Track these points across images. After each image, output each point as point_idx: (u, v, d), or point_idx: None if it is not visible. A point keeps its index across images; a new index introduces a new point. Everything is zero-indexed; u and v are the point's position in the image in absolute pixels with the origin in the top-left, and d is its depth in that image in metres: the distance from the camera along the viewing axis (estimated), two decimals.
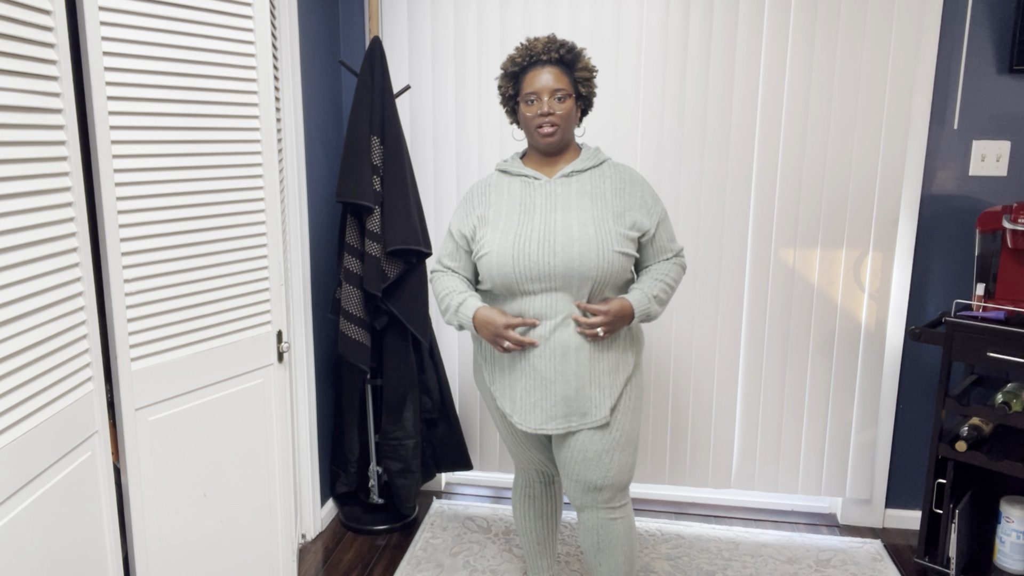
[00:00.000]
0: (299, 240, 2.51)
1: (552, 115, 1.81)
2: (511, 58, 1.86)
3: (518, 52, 1.85)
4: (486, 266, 1.83)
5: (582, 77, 1.87)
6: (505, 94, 1.91)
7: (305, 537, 2.70)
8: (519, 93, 1.86)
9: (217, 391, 1.84)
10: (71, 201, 1.44)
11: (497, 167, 1.97)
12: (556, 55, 1.83)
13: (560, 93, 1.82)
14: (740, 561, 2.54)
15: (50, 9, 1.37)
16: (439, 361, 2.77)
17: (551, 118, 1.81)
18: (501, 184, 1.92)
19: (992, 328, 2.20)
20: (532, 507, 2.17)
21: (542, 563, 2.23)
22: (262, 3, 1.82)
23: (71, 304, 1.46)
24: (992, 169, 2.51)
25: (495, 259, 1.80)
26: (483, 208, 1.90)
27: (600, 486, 1.89)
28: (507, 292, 1.84)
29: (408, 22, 2.74)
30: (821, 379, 2.73)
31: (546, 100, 1.81)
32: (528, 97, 1.83)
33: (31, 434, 1.34)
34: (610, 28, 2.62)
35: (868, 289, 2.65)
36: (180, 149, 1.67)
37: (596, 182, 1.87)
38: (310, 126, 2.58)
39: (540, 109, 1.81)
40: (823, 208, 2.62)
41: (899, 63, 2.50)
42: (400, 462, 2.69)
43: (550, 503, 2.17)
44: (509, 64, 1.86)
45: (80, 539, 1.50)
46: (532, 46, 1.83)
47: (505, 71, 1.88)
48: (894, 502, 2.78)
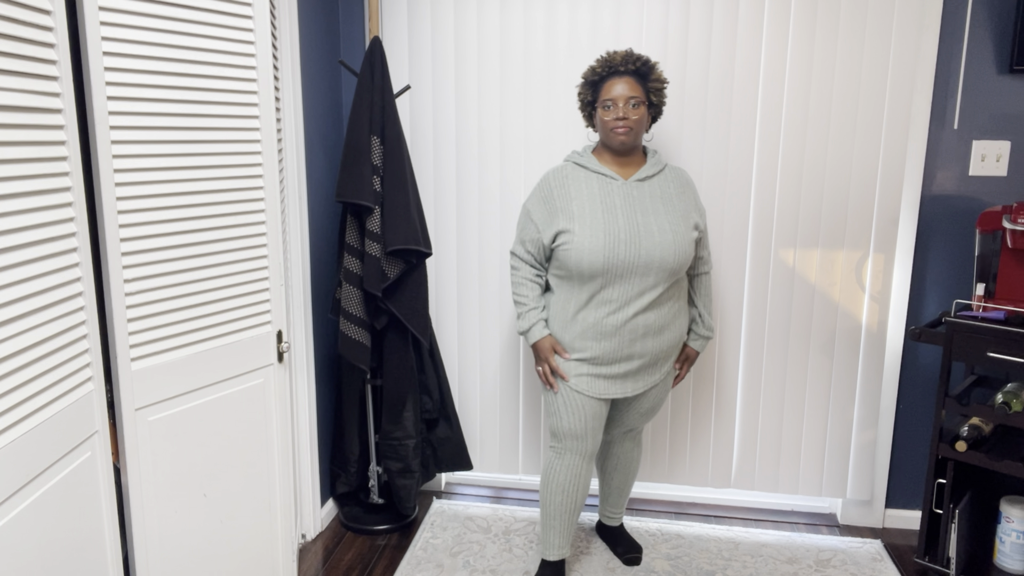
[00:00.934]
0: (299, 240, 2.51)
1: (626, 119, 2.06)
2: (592, 68, 2.12)
3: (599, 63, 2.11)
4: (574, 259, 2.07)
5: (654, 87, 2.13)
6: (584, 100, 2.18)
7: (305, 537, 2.70)
8: (597, 99, 2.13)
9: (217, 391, 1.84)
10: (71, 201, 1.44)
11: (571, 160, 2.19)
12: (632, 67, 2.09)
13: (634, 100, 2.07)
14: (740, 561, 2.54)
15: (50, 9, 1.37)
16: (439, 361, 2.77)
17: (625, 122, 2.06)
18: (578, 178, 2.14)
19: (992, 328, 2.20)
20: (578, 485, 2.26)
21: (568, 536, 2.34)
22: (262, 3, 1.82)
23: (71, 304, 1.46)
24: (992, 169, 2.51)
25: (586, 255, 2.05)
26: (564, 201, 2.12)
27: (640, 428, 2.42)
28: (588, 280, 2.09)
29: (408, 22, 2.74)
30: (821, 379, 2.73)
31: (621, 106, 2.06)
32: (606, 103, 2.09)
33: (31, 434, 1.34)
34: (610, 28, 2.62)
35: (868, 289, 2.65)
36: (180, 149, 1.67)
37: (664, 186, 2.15)
38: (310, 126, 2.58)
39: (616, 114, 2.07)
40: (823, 208, 2.62)
41: (899, 63, 2.50)
42: (400, 462, 2.69)
43: (588, 478, 2.29)
44: (590, 74, 2.12)
45: (80, 539, 1.50)
46: (611, 58, 2.09)
47: (586, 80, 2.14)
48: (894, 502, 2.78)
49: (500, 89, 2.72)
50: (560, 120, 2.70)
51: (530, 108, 2.72)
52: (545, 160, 2.74)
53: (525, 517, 2.83)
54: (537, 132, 2.73)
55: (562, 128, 2.71)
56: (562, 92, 2.68)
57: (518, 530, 2.74)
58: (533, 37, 2.67)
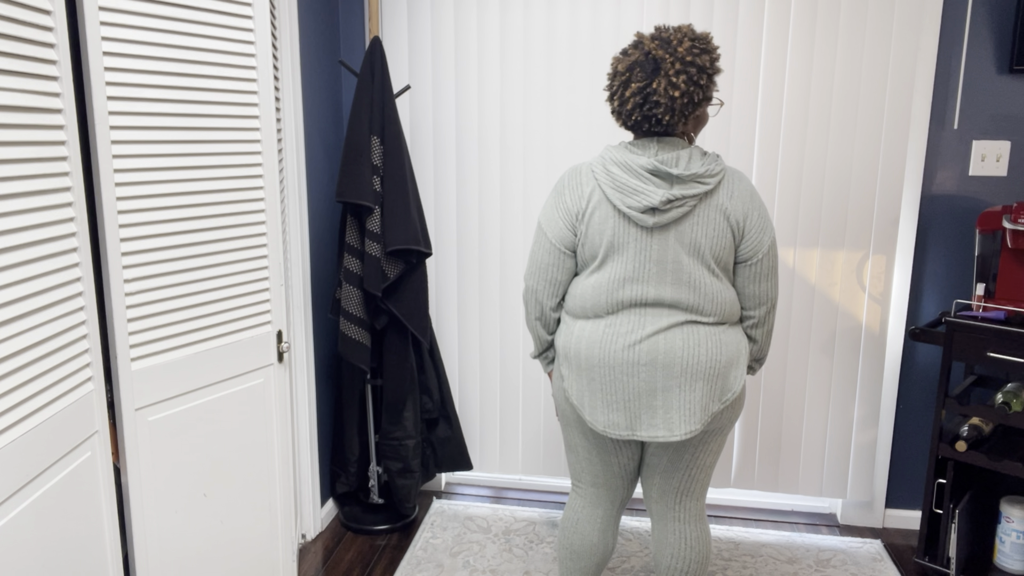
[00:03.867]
0: (299, 240, 2.51)
1: None
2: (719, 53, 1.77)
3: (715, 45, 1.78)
4: None
5: None
6: (708, 94, 1.73)
7: (305, 537, 2.70)
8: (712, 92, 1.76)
9: (217, 391, 1.84)
10: (71, 201, 1.44)
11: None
12: None
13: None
14: (740, 561, 2.54)
15: (50, 9, 1.37)
16: (439, 361, 2.77)
17: None
18: None
19: (992, 328, 2.20)
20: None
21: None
22: (262, 3, 1.82)
23: (71, 304, 1.46)
24: (992, 169, 2.51)
25: None
26: None
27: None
28: None
29: (408, 22, 2.74)
30: (821, 379, 2.73)
31: None
32: (717, 98, 1.82)
33: (31, 434, 1.34)
34: (610, 28, 2.62)
35: (868, 289, 2.65)
36: (180, 149, 1.67)
37: None
38: (310, 126, 2.58)
39: (720, 103, 1.87)
40: (823, 208, 2.62)
41: (899, 63, 2.50)
42: (400, 462, 2.69)
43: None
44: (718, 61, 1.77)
45: (80, 539, 1.50)
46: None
47: (708, 68, 1.70)
48: (894, 502, 2.78)
49: (500, 89, 2.72)
50: (560, 120, 2.70)
51: (530, 108, 2.71)
52: (545, 160, 2.74)
53: (525, 517, 2.83)
54: (537, 131, 2.73)
55: (562, 128, 2.71)
56: (562, 92, 2.68)
57: (518, 530, 2.74)
58: (533, 37, 2.67)
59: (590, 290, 1.74)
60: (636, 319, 1.71)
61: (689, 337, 1.69)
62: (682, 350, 1.68)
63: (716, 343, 1.71)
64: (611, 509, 1.94)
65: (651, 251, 1.69)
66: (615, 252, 1.71)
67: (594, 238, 1.72)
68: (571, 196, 1.76)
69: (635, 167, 1.67)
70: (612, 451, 1.86)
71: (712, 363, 1.70)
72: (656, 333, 1.69)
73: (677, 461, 1.82)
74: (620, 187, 1.67)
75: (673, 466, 1.83)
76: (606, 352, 1.71)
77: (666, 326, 1.69)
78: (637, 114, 1.68)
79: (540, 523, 2.79)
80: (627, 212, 1.67)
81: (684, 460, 1.82)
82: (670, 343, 1.68)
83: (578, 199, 1.74)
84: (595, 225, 1.71)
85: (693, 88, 1.64)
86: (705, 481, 1.87)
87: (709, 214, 1.68)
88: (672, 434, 1.70)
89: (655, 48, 1.64)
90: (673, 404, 1.70)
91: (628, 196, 1.67)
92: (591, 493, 1.93)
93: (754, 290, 1.76)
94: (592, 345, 1.73)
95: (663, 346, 1.68)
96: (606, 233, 1.70)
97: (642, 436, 1.72)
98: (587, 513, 1.93)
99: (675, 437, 1.70)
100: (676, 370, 1.68)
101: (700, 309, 1.70)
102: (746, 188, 1.71)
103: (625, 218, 1.69)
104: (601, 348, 1.72)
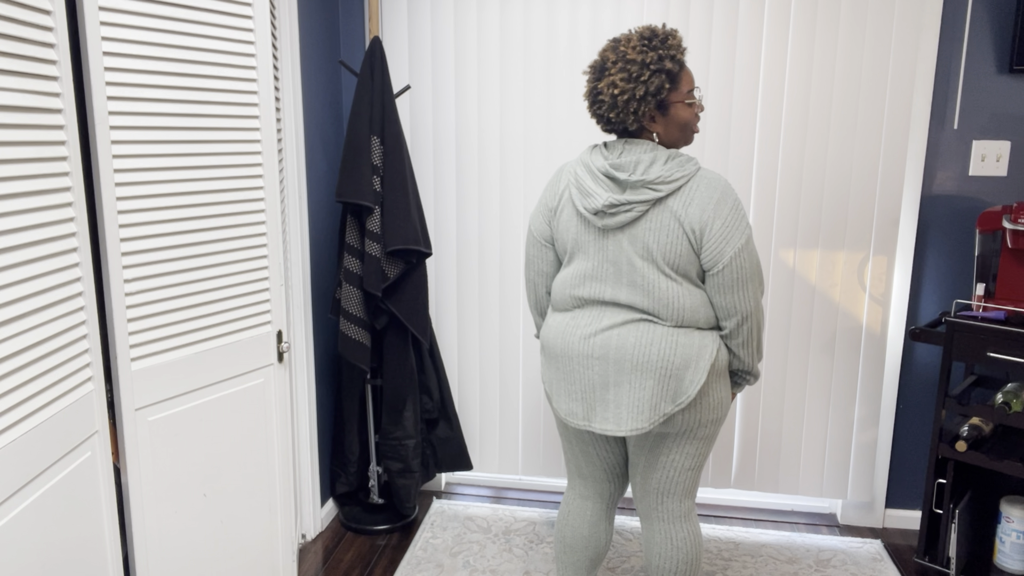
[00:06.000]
0: (299, 240, 2.51)
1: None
2: (684, 49, 1.70)
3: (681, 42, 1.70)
4: None
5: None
6: (658, 89, 1.66)
7: (305, 537, 2.70)
8: (675, 89, 1.68)
9: (217, 391, 1.84)
10: (71, 201, 1.44)
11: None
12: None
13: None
14: (740, 561, 2.54)
15: (50, 9, 1.37)
16: (439, 361, 2.77)
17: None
18: None
19: (992, 328, 2.20)
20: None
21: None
22: (262, 3, 1.82)
23: (71, 304, 1.46)
24: (992, 169, 2.51)
25: None
26: None
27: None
28: None
29: (408, 22, 2.74)
30: (821, 379, 2.73)
31: (699, 97, 1.76)
32: (692, 92, 1.71)
33: (31, 434, 1.34)
34: (610, 28, 2.62)
35: (869, 289, 2.65)
36: (180, 149, 1.67)
37: None
38: (310, 126, 2.58)
39: (700, 107, 1.75)
40: (823, 208, 2.62)
41: (899, 63, 2.50)
42: (400, 462, 2.69)
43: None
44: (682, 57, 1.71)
45: (80, 539, 1.50)
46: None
47: (665, 68, 1.65)
48: (894, 502, 2.78)
49: (500, 89, 2.72)
50: (560, 119, 2.70)
51: (530, 108, 2.72)
52: (545, 159, 2.74)
53: (525, 517, 2.83)
54: (537, 132, 2.73)
55: (562, 127, 2.71)
56: (562, 92, 2.68)
57: (518, 530, 2.74)
58: (533, 37, 2.67)
59: (559, 284, 1.82)
60: (596, 314, 1.76)
61: (643, 335, 1.69)
62: (633, 347, 1.69)
63: (671, 343, 1.68)
64: (600, 503, 1.97)
65: (607, 252, 1.73)
66: (579, 250, 1.77)
67: (563, 235, 1.79)
68: (550, 192, 1.84)
69: (593, 169, 1.72)
70: (589, 442, 1.91)
71: (664, 362, 1.68)
72: (610, 328, 1.72)
73: (654, 461, 1.83)
74: (580, 187, 1.73)
75: (650, 466, 1.84)
76: (567, 343, 1.77)
77: (621, 322, 1.72)
78: (591, 113, 1.75)
79: (540, 523, 2.79)
80: (581, 211, 1.73)
81: (660, 461, 1.82)
82: (622, 339, 1.70)
83: (553, 196, 1.82)
84: (563, 222, 1.79)
85: (633, 84, 1.63)
86: (686, 483, 1.84)
87: (663, 219, 1.65)
88: (619, 428, 1.72)
89: (606, 51, 1.70)
90: (623, 399, 1.71)
91: (584, 197, 1.73)
92: (579, 484, 1.97)
93: (720, 300, 1.71)
94: (557, 336, 1.80)
95: (615, 341, 1.70)
96: (570, 231, 1.77)
97: (595, 428, 1.76)
98: (577, 505, 1.97)
99: (621, 432, 1.72)
100: (627, 365, 1.69)
101: (655, 312, 1.70)
102: (711, 196, 1.64)
103: (583, 219, 1.75)
104: (563, 339, 1.78)
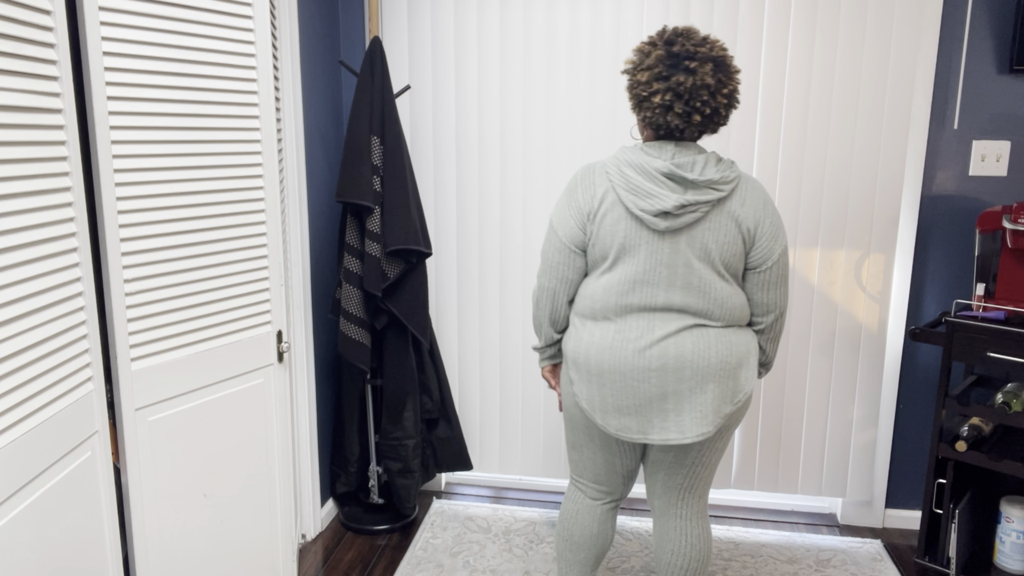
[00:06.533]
0: (299, 240, 2.51)
1: None
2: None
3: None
4: None
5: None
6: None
7: (305, 537, 2.70)
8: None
9: (217, 391, 1.84)
10: (71, 201, 1.44)
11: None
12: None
13: None
14: (740, 561, 2.54)
15: (50, 9, 1.37)
16: (439, 361, 2.77)
17: None
18: None
19: (992, 328, 2.20)
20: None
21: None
22: (262, 3, 1.82)
23: (71, 304, 1.46)
24: (992, 169, 2.51)
25: None
26: None
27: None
28: None
29: (408, 22, 2.73)
30: (821, 379, 2.73)
31: None
32: None
33: (31, 434, 1.34)
34: (610, 28, 2.62)
35: (868, 289, 2.65)
36: (180, 149, 1.67)
37: None
38: (310, 126, 2.58)
39: None
40: (823, 208, 2.62)
41: (899, 63, 2.50)
42: (400, 462, 2.69)
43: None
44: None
45: (80, 539, 1.50)
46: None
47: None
48: (894, 502, 2.78)
49: (500, 89, 2.72)
50: (560, 119, 2.70)
51: (530, 108, 2.71)
52: (545, 159, 2.74)
53: (525, 517, 2.83)
54: (537, 132, 2.73)
55: (562, 127, 2.71)
56: (562, 91, 2.68)
57: (518, 530, 2.74)
58: (533, 37, 2.67)
59: (600, 291, 1.73)
60: (645, 323, 1.70)
61: (699, 340, 1.69)
62: (692, 353, 1.68)
63: (726, 344, 1.71)
64: (610, 504, 1.96)
65: (662, 254, 1.68)
66: (626, 254, 1.70)
67: (605, 239, 1.71)
68: (583, 195, 1.73)
69: (650, 170, 1.66)
70: (617, 453, 1.87)
71: (723, 364, 1.70)
72: (666, 337, 1.69)
73: (683, 458, 1.83)
74: (634, 189, 1.66)
75: (678, 463, 1.83)
76: (616, 359, 1.70)
77: (675, 330, 1.69)
78: (679, 108, 1.63)
79: (540, 523, 2.79)
80: (639, 215, 1.66)
81: (690, 458, 1.82)
82: (680, 347, 1.68)
83: (590, 199, 1.72)
84: (607, 226, 1.70)
85: (733, 85, 1.67)
86: (708, 479, 1.88)
87: (721, 220, 1.68)
88: (684, 436, 1.71)
89: (691, 45, 1.64)
90: (684, 407, 1.70)
91: (641, 199, 1.65)
92: (592, 488, 1.95)
93: (762, 297, 1.77)
94: (602, 351, 1.72)
95: (673, 350, 1.68)
96: (618, 235, 1.69)
97: (654, 439, 1.72)
98: (587, 505, 1.95)
99: (687, 440, 1.71)
100: (687, 373, 1.68)
101: (709, 314, 1.70)
102: (760, 196, 1.72)
103: (637, 221, 1.68)
104: (612, 355, 1.71)
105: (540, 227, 2.79)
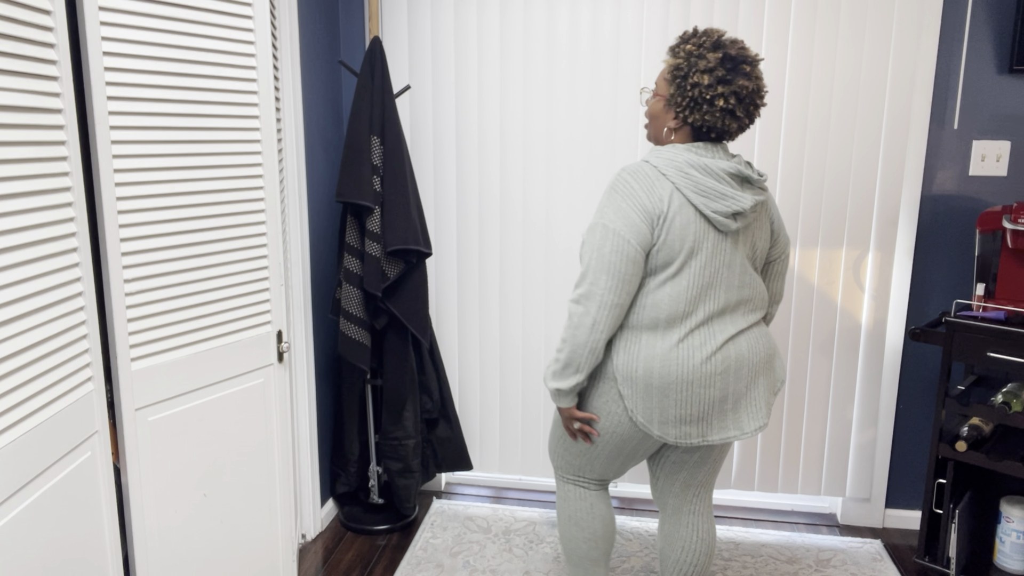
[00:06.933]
0: (299, 240, 2.51)
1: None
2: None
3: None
4: None
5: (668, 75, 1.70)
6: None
7: (305, 537, 2.70)
8: None
9: (217, 391, 1.84)
10: (71, 201, 1.44)
11: None
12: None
13: (647, 91, 1.82)
14: (740, 561, 2.54)
15: (50, 9, 1.37)
16: (439, 361, 2.77)
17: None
18: None
19: (992, 328, 2.20)
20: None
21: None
22: (262, 3, 1.82)
23: (71, 304, 1.46)
24: (992, 169, 2.51)
25: None
26: None
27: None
28: None
29: (408, 22, 2.74)
30: (821, 379, 2.73)
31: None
32: None
33: (31, 434, 1.34)
34: (610, 28, 2.62)
35: (868, 289, 2.65)
36: (180, 149, 1.67)
37: None
38: (310, 126, 2.58)
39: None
40: (823, 208, 2.62)
41: (899, 63, 2.50)
42: (400, 462, 2.69)
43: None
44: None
45: (80, 539, 1.50)
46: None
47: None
48: (894, 502, 2.78)
49: (500, 89, 2.72)
50: (560, 119, 2.70)
51: (530, 108, 2.71)
52: (545, 159, 2.74)
53: (525, 517, 2.83)
54: (537, 132, 2.73)
55: (562, 127, 2.71)
56: (562, 91, 2.68)
57: (518, 530, 2.74)
58: (533, 37, 2.67)
59: (666, 300, 1.65)
60: (706, 330, 1.68)
61: (750, 337, 1.74)
62: (748, 352, 1.73)
63: (764, 337, 1.78)
64: (606, 487, 2.02)
65: (723, 255, 1.67)
66: (693, 257, 1.64)
67: (673, 244, 1.62)
68: (648, 197, 1.61)
69: (717, 171, 1.61)
70: (637, 456, 1.86)
71: (767, 357, 1.77)
72: (727, 342, 1.70)
73: (708, 455, 1.86)
74: (704, 191, 1.60)
75: (703, 460, 1.86)
76: (684, 369, 1.65)
77: (732, 333, 1.71)
78: (740, 111, 1.62)
79: (540, 523, 2.79)
80: (711, 216, 1.61)
81: (714, 454, 1.86)
82: (739, 349, 1.71)
83: (657, 201, 1.61)
84: (676, 230, 1.61)
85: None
86: (717, 474, 1.97)
87: (762, 217, 1.76)
88: (743, 432, 1.74)
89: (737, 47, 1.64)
90: (741, 404, 1.74)
91: (714, 200, 1.60)
92: (594, 483, 1.97)
93: (777, 286, 1.90)
94: (668, 363, 1.65)
95: (734, 353, 1.70)
96: (688, 238, 1.62)
97: (713, 440, 1.72)
98: (595, 495, 1.96)
99: (746, 435, 1.75)
100: (744, 372, 1.72)
101: (756, 309, 1.78)
102: (769, 192, 1.81)
103: (705, 222, 1.64)
104: (679, 366, 1.65)
105: (540, 227, 2.79)
